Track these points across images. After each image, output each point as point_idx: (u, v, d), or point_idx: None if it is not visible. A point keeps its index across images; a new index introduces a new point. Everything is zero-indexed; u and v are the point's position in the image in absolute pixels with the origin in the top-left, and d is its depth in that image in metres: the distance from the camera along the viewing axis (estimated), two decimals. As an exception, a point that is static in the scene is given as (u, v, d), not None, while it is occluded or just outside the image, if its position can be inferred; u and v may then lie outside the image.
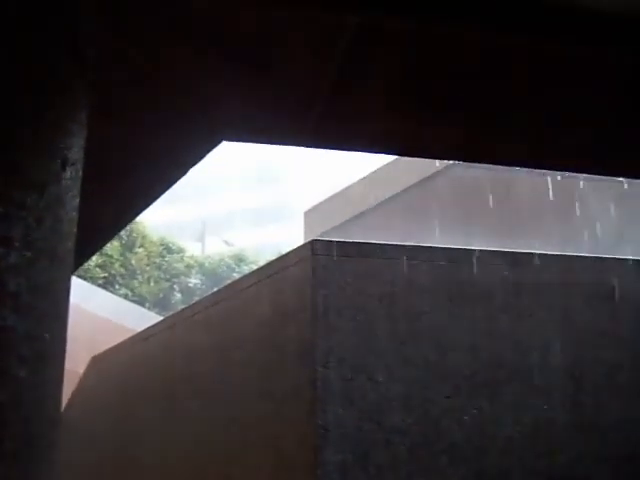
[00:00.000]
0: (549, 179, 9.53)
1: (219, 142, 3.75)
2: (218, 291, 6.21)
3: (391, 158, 10.45)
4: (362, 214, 11.35)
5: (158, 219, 28.98)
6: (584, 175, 8.11)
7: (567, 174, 8.68)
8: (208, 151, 3.80)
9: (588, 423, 5.19)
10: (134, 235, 25.43)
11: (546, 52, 2.83)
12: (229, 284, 6.10)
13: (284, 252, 5.39)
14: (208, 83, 3.28)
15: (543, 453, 5.05)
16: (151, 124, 3.58)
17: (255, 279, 5.60)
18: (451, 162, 9.48)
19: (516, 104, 3.30)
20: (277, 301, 5.25)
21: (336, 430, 4.62)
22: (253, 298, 5.55)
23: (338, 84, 3.29)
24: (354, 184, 12.19)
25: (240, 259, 30.90)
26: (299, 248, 5.06)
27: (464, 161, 4.91)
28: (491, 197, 9.90)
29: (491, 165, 7.15)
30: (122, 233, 23.44)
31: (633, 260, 5.67)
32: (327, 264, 4.81)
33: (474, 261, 5.15)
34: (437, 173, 10.40)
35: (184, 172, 3.99)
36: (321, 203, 12.77)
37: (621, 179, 8.58)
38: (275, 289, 5.30)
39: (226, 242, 39.30)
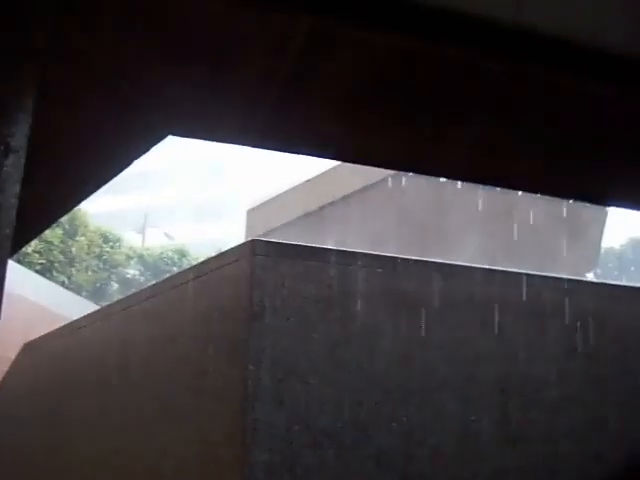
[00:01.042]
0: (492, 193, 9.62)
1: (165, 136, 3.75)
2: (156, 284, 6.18)
3: (337, 163, 10.48)
4: (305, 216, 11.36)
5: (100, 209, 28.76)
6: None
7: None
8: (154, 144, 3.80)
9: (515, 436, 5.26)
10: (76, 223, 25.20)
11: (493, 70, 2.87)
12: (167, 278, 6.07)
13: (225, 249, 5.38)
14: (158, 77, 3.28)
15: (469, 462, 5.10)
16: (99, 114, 3.58)
17: (193, 275, 5.59)
18: (394, 172, 9.54)
19: (466, 117, 3.34)
20: (214, 298, 5.25)
21: (265, 430, 4.62)
22: (190, 294, 5.54)
23: (288, 86, 3.32)
24: (299, 186, 12.19)
25: (181, 253, 30.74)
26: (239, 247, 5.06)
27: (408, 171, 4.95)
28: (432, 210, 9.97)
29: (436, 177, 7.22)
30: (64, 221, 23.22)
31: (565, 278, 5.78)
32: (266, 264, 4.82)
33: (411, 270, 5.20)
34: (380, 182, 10.44)
35: (129, 163, 3.98)
36: (265, 203, 12.76)
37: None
38: (213, 286, 5.29)
39: (167, 235, 39.09)
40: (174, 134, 3.79)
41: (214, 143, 4.07)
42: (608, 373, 5.64)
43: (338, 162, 10.52)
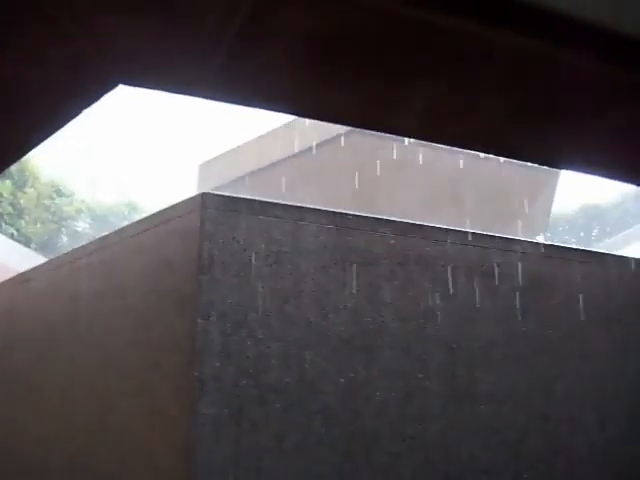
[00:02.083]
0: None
1: (116, 85, 3.68)
2: (103, 237, 6.11)
3: (292, 118, 10.42)
4: (258, 171, 11.32)
5: (51, 160, 28.39)
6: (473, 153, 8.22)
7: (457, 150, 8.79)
8: (104, 93, 3.73)
9: (461, 394, 5.31)
10: (26, 174, 24.89)
11: (448, 30, 2.85)
12: (115, 231, 6.00)
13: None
14: (110, 27, 3.21)
15: (415, 420, 5.15)
16: (49, 62, 3.50)
17: (142, 228, 5.53)
18: (349, 129, 9.51)
19: (414, 76, 3.31)
20: (162, 251, 5.21)
21: (212, 383, 4.62)
22: (139, 247, 5.49)
23: (241, 38, 3.26)
24: (252, 141, 12.12)
25: (132, 207, 30.55)
26: (188, 200, 5.01)
27: (362, 128, 4.92)
28: (387, 167, 9.97)
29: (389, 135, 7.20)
30: (14, 172, 22.91)
31: (515, 239, 5.82)
32: (215, 218, 4.79)
33: (362, 227, 5.20)
34: (333, 139, 10.41)
35: (78, 112, 3.90)
36: (217, 157, 12.67)
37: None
38: (161, 239, 5.25)
39: (119, 189, 38.77)
40: (125, 84, 3.72)
41: (167, 94, 4.00)
42: (554, 335, 5.71)
43: (292, 118, 10.48)
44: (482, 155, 8.72)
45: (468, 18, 2.85)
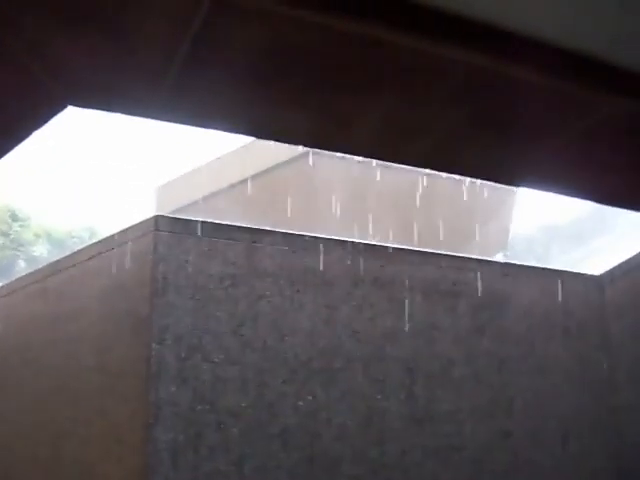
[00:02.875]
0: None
1: (65, 107, 3.62)
2: (57, 261, 6.02)
3: (250, 139, 10.40)
4: (216, 193, 11.25)
5: (4, 184, 28.18)
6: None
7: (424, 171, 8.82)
8: (53, 115, 3.67)
9: (420, 414, 5.29)
10: (-18, 200, 24.68)
11: (398, 48, 2.83)
12: (70, 255, 5.92)
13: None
14: (58, 45, 3.16)
15: (375, 442, 5.11)
16: (-2, 84, 3.43)
17: (96, 251, 5.46)
18: (305, 150, 9.49)
19: (366, 94, 3.29)
20: (117, 275, 5.14)
21: (168, 409, 4.56)
22: (93, 270, 5.41)
23: (191, 57, 3.22)
24: (210, 162, 12.06)
25: (91, 231, 30.34)
26: (142, 223, 4.96)
27: (315, 148, 4.90)
28: (341, 189, 9.95)
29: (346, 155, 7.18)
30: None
31: (472, 258, 5.82)
32: (169, 241, 4.74)
33: (317, 248, 5.17)
34: (292, 160, 10.38)
35: (27, 134, 3.84)
36: (174, 180, 12.59)
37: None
38: (116, 262, 5.17)
39: (78, 213, 38.55)
40: (74, 105, 3.66)
41: (121, 117, 3.95)
42: (512, 353, 5.70)
43: (250, 139, 10.45)
44: (441, 174, 8.72)
45: (420, 35, 2.83)
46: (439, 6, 2.70)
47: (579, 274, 6.27)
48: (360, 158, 7.47)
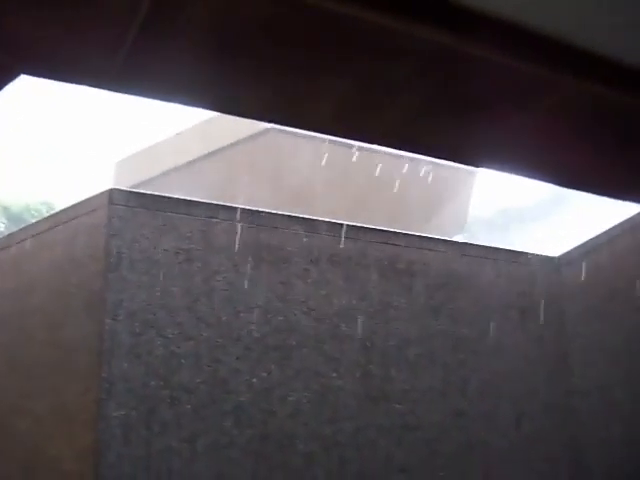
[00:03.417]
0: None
1: (17, 75, 3.55)
2: (11, 234, 5.94)
3: (212, 114, 10.32)
4: (176, 169, 11.17)
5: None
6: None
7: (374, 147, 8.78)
8: (6, 84, 3.60)
9: (375, 393, 5.28)
10: None
11: (354, 21, 2.78)
12: (23, 228, 5.83)
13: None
14: (9, 13, 3.08)
15: (329, 420, 5.10)
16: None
17: (50, 224, 5.37)
18: (267, 126, 9.44)
19: (326, 69, 3.24)
20: (70, 249, 5.07)
21: (121, 384, 4.52)
22: (46, 244, 5.33)
23: (149, 28, 3.15)
24: (170, 138, 11.96)
25: (50, 206, 30.04)
26: (96, 196, 4.89)
27: (277, 124, 4.84)
28: (302, 166, 9.91)
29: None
30: None
31: (429, 237, 5.81)
32: (123, 214, 4.68)
33: (274, 225, 5.14)
34: (252, 136, 10.33)
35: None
36: (134, 154, 12.47)
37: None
38: (69, 236, 5.10)
39: (36, 188, 38.15)
40: (27, 74, 3.57)
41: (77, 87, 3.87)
42: (467, 333, 5.71)
43: (212, 114, 10.37)
44: (399, 153, 8.71)
45: (384, 11, 2.78)
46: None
47: (536, 255, 6.28)
48: (321, 135, 7.44)
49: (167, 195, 4.97)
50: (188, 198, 4.99)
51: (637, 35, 2.75)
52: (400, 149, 4.50)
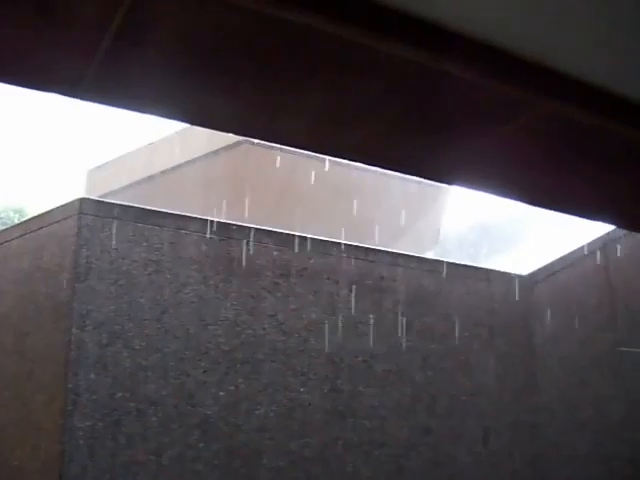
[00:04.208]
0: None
1: (-11, 84, 3.52)
2: (-22, 242, 5.89)
3: (185, 125, 10.29)
4: (148, 179, 11.13)
5: None
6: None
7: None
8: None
9: (343, 408, 5.27)
10: None
11: (326, 37, 2.77)
12: (-9, 236, 5.79)
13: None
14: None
15: (297, 434, 5.08)
16: None
17: (19, 232, 5.33)
18: (240, 139, 9.42)
19: (297, 84, 3.23)
20: (39, 257, 5.03)
21: (87, 396, 4.48)
22: (15, 252, 5.29)
23: (123, 39, 3.13)
24: (143, 147, 11.91)
25: (22, 213, 29.85)
26: (66, 205, 4.86)
27: (248, 137, 4.84)
28: (273, 179, 9.91)
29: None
30: None
31: (403, 254, 5.81)
32: (93, 224, 4.65)
33: (245, 238, 5.12)
34: (224, 148, 10.31)
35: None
36: (106, 163, 12.42)
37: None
38: (38, 245, 5.07)
39: (7, 194, 37.90)
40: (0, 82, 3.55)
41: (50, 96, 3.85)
42: (436, 350, 5.71)
43: (185, 125, 10.34)
44: (372, 169, 8.72)
45: (356, 27, 2.78)
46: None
47: (506, 274, 6.31)
48: (294, 149, 7.44)
49: (137, 206, 4.95)
50: (158, 209, 4.97)
51: (606, 56, 2.76)
52: (370, 165, 4.50)
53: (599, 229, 6.53)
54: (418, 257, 6.03)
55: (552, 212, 3.94)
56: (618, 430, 5.93)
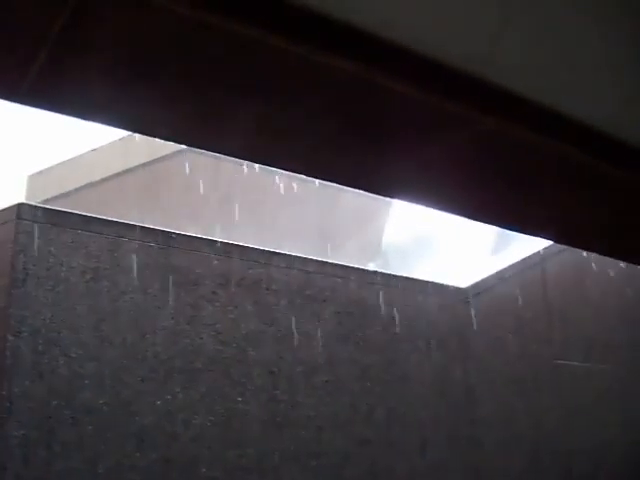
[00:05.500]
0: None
1: None
2: None
3: (125, 134, 10.23)
4: (89, 185, 11.05)
5: None
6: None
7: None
8: None
9: (281, 419, 5.27)
10: None
11: (264, 48, 2.79)
12: None
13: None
14: None
15: (234, 444, 5.08)
16: None
17: (-46, 237, 5.28)
18: (184, 147, 9.40)
19: (234, 95, 3.24)
20: (-25, 263, 4.98)
21: (22, 403, 4.43)
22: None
23: (59, 43, 3.11)
24: (85, 153, 11.82)
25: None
26: (4, 210, 4.81)
27: (188, 145, 4.82)
28: (215, 188, 9.90)
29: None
30: None
31: (340, 264, 5.84)
32: (31, 230, 4.61)
33: (184, 246, 5.11)
34: (167, 156, 10.28)
35: None
36: (47, 169, 12.29)
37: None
38: (-25, 250, 5.02)
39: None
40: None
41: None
42: (375, 361, 5.74)
43: (127, 133, 10.27)
44: (315, 180, 8.76)
45: (298, 40, 2.80)
46: (318, 11, 2.68)
47: (445, 286, 6.36)
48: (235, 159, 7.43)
49: (77, 212, 4.91)
50: (98, 216, 4.93)
51: (554, 74, 2.81)
52: (310, 176, 4.53)
53: (537, 243, 6.62)
54: (357, 268, 6.05)
55: (493, 227, 3.98)
56: (554, 441, 6.02)
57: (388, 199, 10.73)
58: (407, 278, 6.28)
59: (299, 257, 5.63)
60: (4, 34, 3.10)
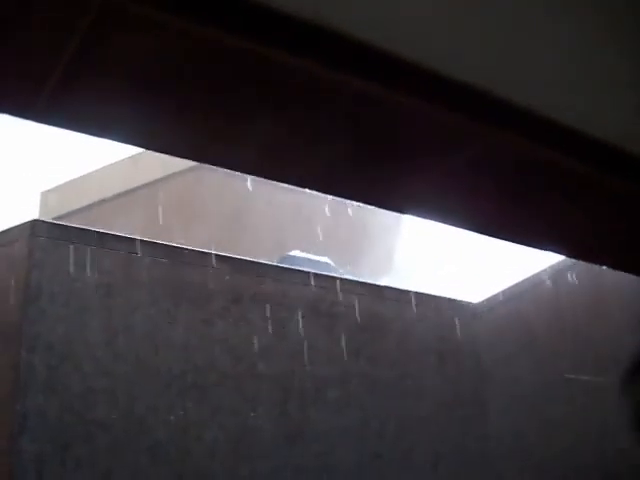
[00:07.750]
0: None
1: None
2: None
3: (139, 150, 10.27)
4: (101, 202, 11.08)
5: None
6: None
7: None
8: None
9: (293, 433, 5.27)
10: None
11: (276, 66, 2.81)
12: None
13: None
14: None
15: (246, 459, 5.07)
16: None
17: (-30, 254, 5.32)
18: (195, 164, 9.42)
19: (246, 113, 3.25)
20: (-11, 279, 5.01)
21: (35, 419, 4.45)
22: (-35, 273, 5.27)
23: (74, 62, 3.14)
24: (97, 170, 11.86)
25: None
26: (18, 227, 4.84)
27: (196, 161, 4.85)
28: (226, 205, 9.91)
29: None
30: None
31: (355, 281, 5.84)
32: (46, 247, 4.64)
33: (197, 262, 5.13)
34: (179, 173, 10.31)
35: None
36: (61, 185, 12.33)
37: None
38: (-11, 266, 5.05)
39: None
40: (-49, 102, 3.54)
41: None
42: (387, 376, 5.73)
43: (139, 150, 10.31)
44: (325, 196, 8.76)
45: (307, 58, 2.81)
46: (331, 28, 2.70)
47: (456, 301, 6.36)
48: (246, 175, 7.44)
49: (90, 228, 4.94)
50: (111, 232, 4.96)
51: (560, 89, 2.82)
52: (328, 194, 4.54)
53: (550, 258, 6.61)
54: (370, 283, 6.06)
55: (505, 242, 3.99)
56: (565, 457, 5.99)
57: (398, 214, 10.74)
58: (419, 293, 6.28)
59: (311, 273, 5.63)
60: (20, 51, 3.14)
